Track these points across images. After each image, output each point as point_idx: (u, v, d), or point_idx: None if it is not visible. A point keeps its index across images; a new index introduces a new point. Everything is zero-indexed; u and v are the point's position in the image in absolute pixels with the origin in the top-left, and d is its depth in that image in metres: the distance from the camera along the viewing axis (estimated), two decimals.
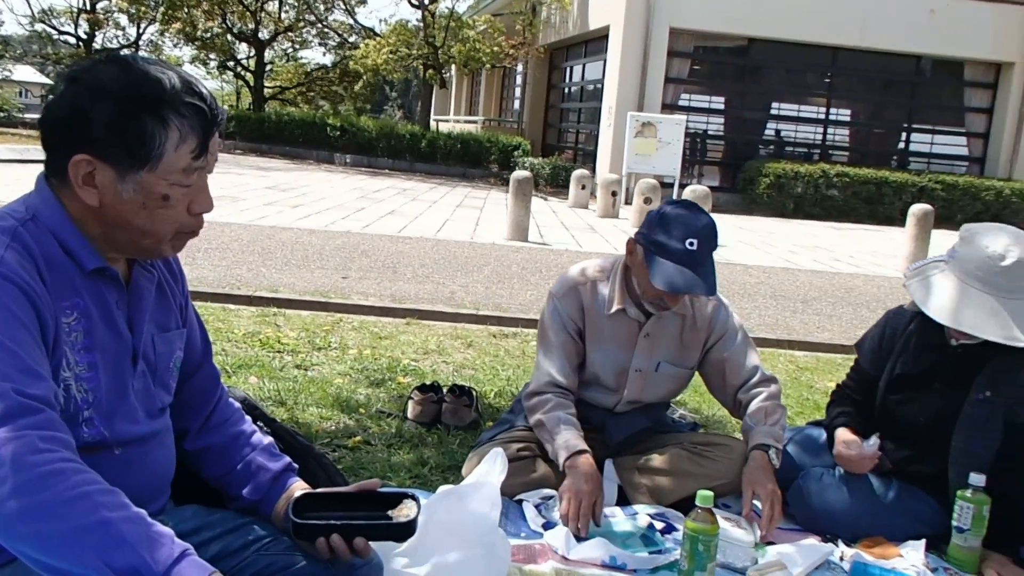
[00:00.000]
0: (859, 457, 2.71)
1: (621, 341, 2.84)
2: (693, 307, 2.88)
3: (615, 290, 2.83)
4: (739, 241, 11.78)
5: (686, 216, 2.64)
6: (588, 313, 2.84)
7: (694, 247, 2.59)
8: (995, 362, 2.58)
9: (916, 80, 18.70)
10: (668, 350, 2.87)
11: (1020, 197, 16.71)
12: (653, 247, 2.64)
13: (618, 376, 2.87)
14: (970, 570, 2.57)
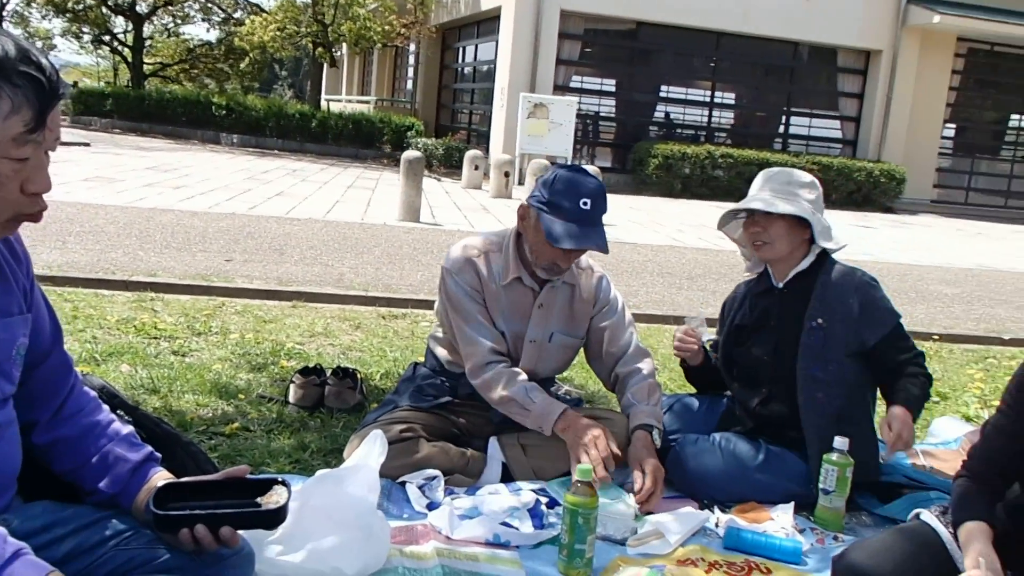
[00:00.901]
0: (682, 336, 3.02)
1: (517, 312, 2.87)
2: (580, 277, 2.94)
3: (509, 260, 2.85)
4: (629, 220, 11.97)
5: (578, 178, 2.73)
6: (485, 284, 2.85)
7: (587, 206, 2.68)
8: (818, 292, 2.81)
9: (794, 66, 19.31)
10: (560, 320, 2.92)
11: (887, 177, 17.50)
12: (548, 208, 2.70)
13: (513, 346, 2.89)
14: (835, 529, 2.70)
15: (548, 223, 2.68)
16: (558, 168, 2.79)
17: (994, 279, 9.80)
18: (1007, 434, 2.21)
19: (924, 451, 3.32)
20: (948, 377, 4.92)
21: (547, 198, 2.71)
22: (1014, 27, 18.15)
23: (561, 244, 2.65)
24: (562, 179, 2.72)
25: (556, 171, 2.77)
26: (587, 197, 2.68)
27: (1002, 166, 21.51)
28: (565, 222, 2.66)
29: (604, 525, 2.47)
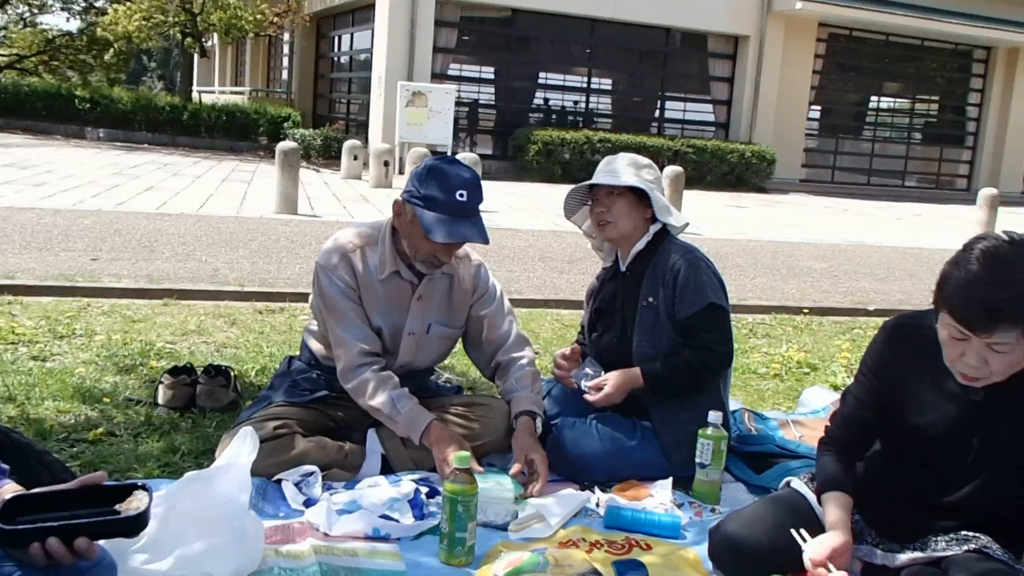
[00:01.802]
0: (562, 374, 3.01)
1: (395, 305, 2.82)
2: (458, 267, 2.92)
3: (386, 254, 2.80)
4: (509, 207, 12.00)
5: (452, 169, 2.68)
6: (361, 279, 2.79)
7: (464, 198, 2.64)
8: (651, 270, 2.89)
9: (667, 51, 19.73)
10: (439, 311, 2.89)
11: (759, 158, 18.09)
12: (424, 202, 2.66)
13: (391, 340, 2.85)
14: (712, 501, 2.77)
15: (424, 218, 2.63)
16: (429, 161, 2.74)
17: (859, 253, 10.24)
18: (862, 401, 2.31)
19: (795, 421, 3.45)
20: (817, 348, 5.11)
21: (421, 192, 2.66)
22: (871, 13, 18.99)
23: (440, 238, 2.60)
24: (435, 172, 2.67)
25: (428, 164, 2.72)
26: (462, 188, 2.64)
27: (864, 146, 22.52)
28: (442, 216, 2.62)
29: (484, 511, 2.46)
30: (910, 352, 2.20)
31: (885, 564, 2.23)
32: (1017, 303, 1.85)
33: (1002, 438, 2.11)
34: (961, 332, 1.93)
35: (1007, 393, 2.08)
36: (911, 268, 9.24)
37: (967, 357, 1.96)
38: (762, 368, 4.52)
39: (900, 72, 22.48)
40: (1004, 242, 1.92)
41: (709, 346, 2.84)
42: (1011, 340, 1.89)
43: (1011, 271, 1.87)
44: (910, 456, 2.25)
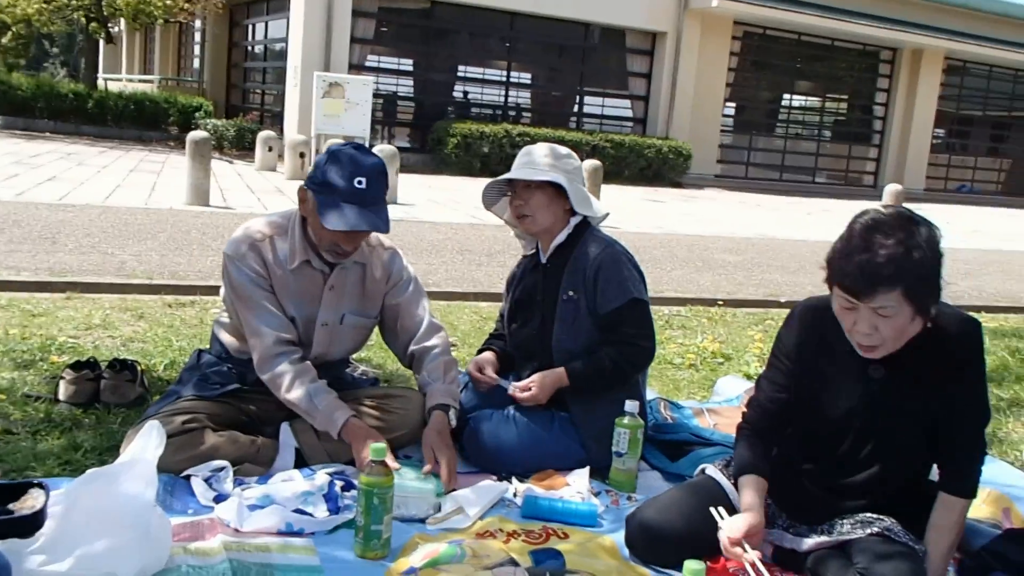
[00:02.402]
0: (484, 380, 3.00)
1: (307, 295, 2.76)
2: (371, 256, 2.86)
3: (296, 243, 2.73)
4: (428, 200, 11.93)
5: (354, 156, 2.61)
6: (271, 269, 2.72)
7: (363, 185, 2.57)
8: (571, 264, 2.89)
9: (586, 46, 19.84)
10: (352, 301, 2.83)
11: (675, 154, 18.34)
12: (322, 189, 2.59)
13: (305, 330, 2.78)
14: (629, 489, 2.78)
15: (322, 205, 2.58)
16: (333, 147, 2.68)
17: (771, 247, 10.47)
18: (776, 384, 2.36)
19: (709, 409, 3.50)
20: (731, 339, 5.19)
21: (321, 179, 2.60)
22: (784, 12, 19.41)
23: (334, 226, 2.55)
24: (336, 158, 2.61)
25: (330, 149, 2.66)
26: (362, 176, 2.57)
27: (777, 142, 23.04)
28: (340, 203, 2.56)
29: (405, 505, 2.43)
30: (816, 335, 2.28)
31: (794, 548, 2.28)
32: (891, 264, 1.95)
33: (900, 421, 2.19)
34: (849, 301, 2.03)
35: (906, 377, 2.16)
36: (821, 261, 9.34)
37: (859, 325, 2.05)
38: (678, 358, 4.57)
39: (811, 71, 23.07)
40: (881, 213, 2.05)
41: (633, 341, 2.85)
42: (894, 303, 1.98)
43: (885, 237, 1.98)
44: (815, 438, 2.31)
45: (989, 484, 2.94)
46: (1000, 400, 4.05)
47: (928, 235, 2.01)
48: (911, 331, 2.06)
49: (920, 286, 1.99)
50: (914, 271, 1.96)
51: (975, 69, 24.33)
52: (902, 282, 1.96)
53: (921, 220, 2.05)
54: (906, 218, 2.04)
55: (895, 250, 1.96)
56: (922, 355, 2.14)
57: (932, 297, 2.04)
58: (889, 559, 2.04)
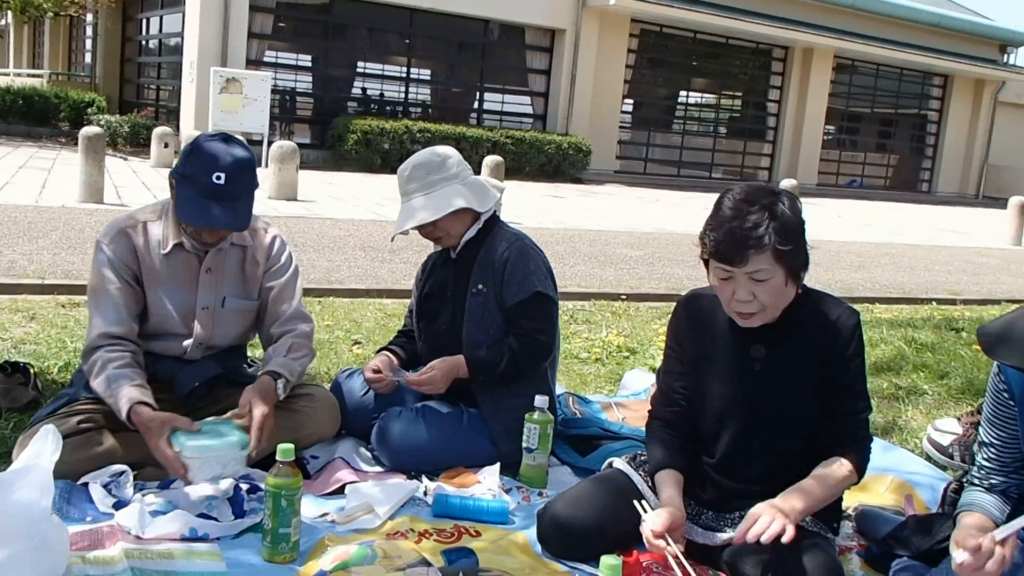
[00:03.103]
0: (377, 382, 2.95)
1: (183, 280, 2.69)
2: (252, 238, 2.79)
3: (169, 227, 2.65)
4: (328, 196, 11.76)
5: (216, 149, 2.54)
6: (143, 256, 2.64)
7: (221, 181, 2.50)
8: (481, 257, 2.90)
9: (486, 43, 19.86)
10: (232, 284, 2.76)
11: (575, 150, 18.49)
12: (182, 181, 2.54)
13: (185, 317, 2.70)
14: (540, 485, 2.80)
15: (180, 198, 2.52)
16: (199, 138, 2.61)
17: (672, 241, 10.66)
18: (674, 374, 2.41)
19: (617, 403, 3.54)
20: (636, 333, 5.27)
21: (181, 171, 2.54)
22: (680, 11, 19.77)
23: (186, 221, 2.52)
24: (198, 150, 2.55)
25: (195, 141, 2.59)
26: (221, 171, 2.50)
27: (674, 138, 23.48)
28: (195, 197, 2.50)
29: (223, 466, 2.38)
30: (700, 322, 2.36)
31: (706, 543, 2.31)
32: (758, 227, 2.05)
33: (785, 402, 2.25)
34: (725, 270, 2.12)
35: (786, 357, 2.23)
36: None
37: (737, 294, 2.13)
38: (584, 353, 4.62)
39: (707, 69, 23.57)
40: (746, 186, 2.16)
41: (532, 335, 2.86)
42: (767, 266, 2.08)
43: (751, 204, 2.09)
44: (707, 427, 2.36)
45: (892, 472, 3.06)
46: (899, 389, 4.21)
47: (790, 203, 2.13)
48: (787, 296, 2.17)
49: (788, 246, 2.08)
50: (780, 231, 2.07)
51: (863, 67, 25.25)
52: (771, 243, 2.06)
53: (783, 191, 2.16)
54: (769, 190, 2.16)
55: (761, 215, 2.07)
56: (802, 337, 2.23)
57: (800, 259, 2.15)
58: (805, 551, 2.08)
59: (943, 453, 3.34)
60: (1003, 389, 2.07)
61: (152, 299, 2.68)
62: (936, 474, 3.15)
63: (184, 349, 2.73)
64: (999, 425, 2.10)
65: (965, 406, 3.93)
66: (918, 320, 6.28)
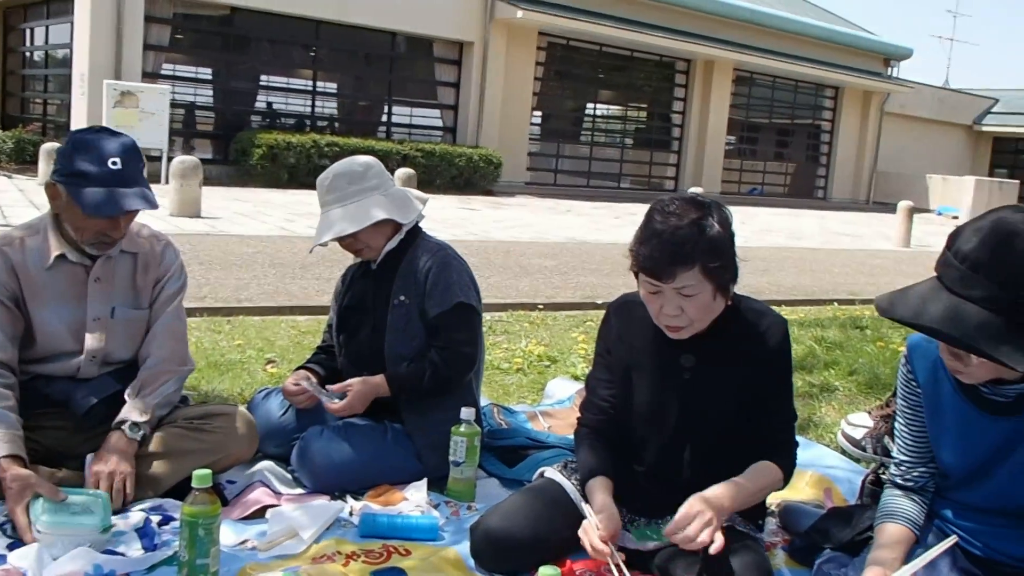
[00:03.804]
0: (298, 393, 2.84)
1: (70, 293, 2.53)
2: (143, 246, 2.66)
3: (49, 240, 2.51)
4: (235, 212, 11.45)
5: (99, 139, 2.45)
6: (22, 273, 2.48)
7: (118, 166, 2.41)
8: (403, 268, 2.84)
9: (393, 55, 19.72)
10: (123, 293, 2.61)
11: (486, 162, 18.45)
12: (75, 178, 2.40)
13: (76, 332, 2.54)
14: (468, 499, 2.71)
15: (80, 196, 2.38)
16: (74, 134, 2.49)
17: (584, 251, 10.71)
18: (603, 381, 2.38)
19: (542, 412, 3.48)
20: (555, 342, 5.23)
21: (70, 169, 2.41)
22: (586, 24, 19.99)
23: (102, 213, 2.38)
24: (81, 145, 2.43)
25: (71, 138, 2.48)
26: (115, 156, 2.41)
27: (583, 150, 23.69)
28: (96, 189, 2.38)
29: (80, 544, 2.13)
30: (630, 329, 2.34)
31: (638, 549, 2.27)
32: (687, 243, 2.03)
33: (714, 410, 2.24)
34: (653, 285, 2.09)
35: (715, 366, 2.22)
36: None
37: (665, 308, 2.11)
38: (505, 363, 4.55)
39: (613, 81, 23.90)
40: (675, 198, 2.13)
41: (455, 347, 2.79)
42: (695, 282, 2.06)
43: (679, 219, 2.06)
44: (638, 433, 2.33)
45: (811, 467, 3.09)
46: (812, 387, 4.27)
47: (720, 215, 2.12)
48: (715, 309, 2.15)
49: (717, 263, 2.07)
50: (709, 248, 2.05)
51: (761, 80, 25.95)
52: (699, 259, 2.04)
53: (712, 203, 2.15)
54: (698, 202, 2.13)
55: (689, 230, 2.05)
56: (731, 345, 2.22)
57: (729, 274, 2.13)
58: (735, 552, 2.06)
59: (856, 446, 3.40)
60: (912, 380, 2.10)
61: (37, 318, 2.51)
62: (852, 467, 3.21)
63: (77, 367, 2.57)
64: (911, 415, 2.13)
65: (874, 400, 4.02)
66: (825, 320, 6.41)
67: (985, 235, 1.74)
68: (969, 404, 2.00)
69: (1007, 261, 1.71)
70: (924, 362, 2.07)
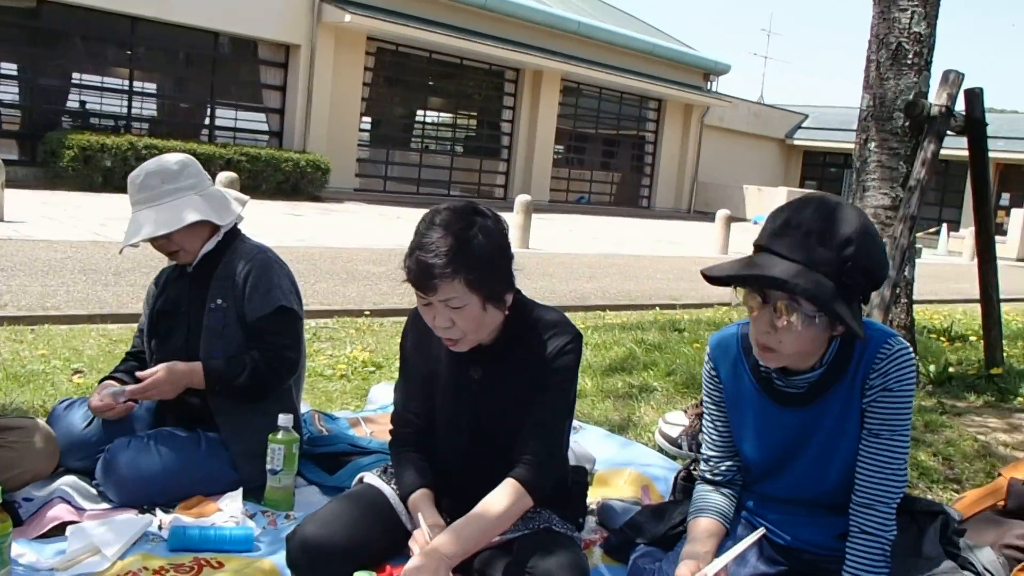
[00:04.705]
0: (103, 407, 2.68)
1: None
2: None
3: None
4: (42, 216, 10.75)
5: None
6: None
7: None
8: (220, 271, 2.76)
9: (216, 56, 19.08)
10: None
11: (313, 167, 18.09)
12: None
13: None
14: (286, 508, 2.67)
15: None
16: None
17: None
18: (407, 392, 2.39)
19: (365, 418, 3.46)
20: (381, 348, 5.20)
21: None
22: (415, 30, 19.98)
23: None
24: None
25: None
26: None
27: (413, 156, 23.65)
28: None
29: None
30: (427, 341, 2.34)
31: None
32: (444, 256, 2.02)
33: (504, 419, 2.27)
34: (421, 297, 2.09)
35: (503, 377, 2.25)
36: None
37: (437, 320, 2.11)
38: (328, 370, 4.50)
39: (443, 88, 23.97)
40: (446, 208, 2.12)
41: (278, 350, 2.73)
42: (459, 294, 2.05)
43: (444, 230, 2.04)
44: (442, 445, 2.34)
45: (629, 465, 3.19)
46: (631, 387, 4.41)
47: (488, 225, 2.10)
48: (490, 321, 2.14)
49: (481, 274, 2.06)
50: (471, 260, 2.03)
51: (588, 91, 26.71)
52: (460, 272, 2.02)
53: (486, 212, 2.14)
54: (469, 211, 2.11)
55: (450, 242, 2.02)
56: (517, 357, 2.22)
57: (500, 285, 2.13)
58: (552, 553, 2.08)
59: (673, 444, 3.53)
60: (715, 376, 2.20)
61: None
62: (669, 465, 3.31)
63: None
64: (715, 411, 2.23)
65: (690, 399, 4.17)
66: (645, 323, 6.66)
67: (815, 206, 1.91)
68: (766, 398, 2.11)
69: (838, 229, 1.87)
70: (726, 359, 2.17)
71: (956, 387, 4.73)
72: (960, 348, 5.98)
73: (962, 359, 5.38)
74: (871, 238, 1.91)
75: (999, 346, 5.00)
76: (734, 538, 2.16)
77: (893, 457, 2.01)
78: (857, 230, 1.88)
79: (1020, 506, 2.21)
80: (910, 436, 2.04)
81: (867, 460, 2.03)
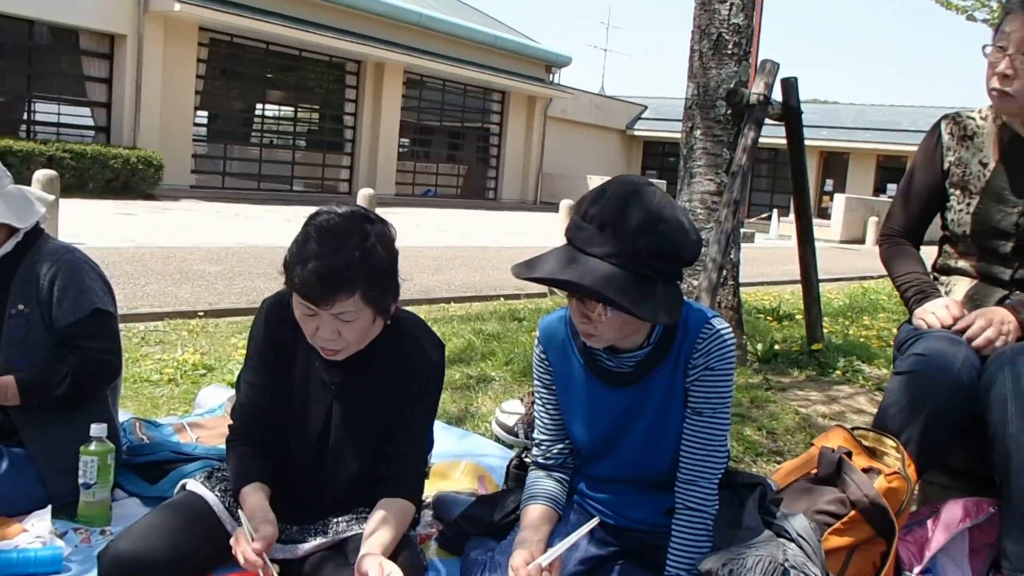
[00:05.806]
0: None
1: None
2: None
3: None
4: None
5: None
6: None
7: None
8: (21, 274, 2.59)
9: (32, 46, 17.95)
10: None
11: (145, 164, 17.30)
12: None
13: None
14: (102, 523, 2.52)
15: None
16: None
17: (252, 255, 10.39)
18: (255, 386, 2.28)
19: (191, 424, 3.30)
20: (214, 350, 5.01)
21: None
22: (249, 21, 19.38)
23: None
24: None
25: None
26: None
27: (253, 151, 23.03)
28: None
29: None
30: (284, 333, 2.22)
31: (286, 557, 2.19)
32: (348, 270, 1.95)
33: (363, 423, 2.22)
34: (309, 308, 1.99)
35: (364, 382, 2.20)
36: None
37: (321, 331, 2.03)
38: (155, 375, 4.29)
39: (283, 81, 23.41)
40: (335, 214, 2.03)
41: (97, 356, 2.58)
42: (353, 307, 1.99)
43: (341, 241, 1.97)
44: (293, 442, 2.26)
45: (465, 457, 3.18)
46: (469, 378, 4.40)
47: (382, 234, 2.05)
48: (374, 332, 2.10)
49: (378, 288, 2.01)
50: (371, 274, 1.98)
51: (431, 83, 26.66)
52: (360, 286, 1.96)
53: (376, 218, 2.08)
54: (360, 218, 2.04)
55: (352, 255, 1.95)
56: (381, 364, 2.18)
57: (390, 296, 2.08)
58: (394, 553, 2.04)
59: (510, 433, 3.53)
60: (544, 359, 2.21)
61: None
62: (505, 454, 3.30)
63: None
64: (546, 395, 2.24)
65: (527, 387, 4.19)
66: (486, 314, 6.69)
67: (608, 197, 1.90)
68: (595, 379, 2.13)
69: (628, 219, 1.86)
70: (554, 342, 2.18)
71: (781, 363, 4.95)
72: (787, 327, 6.27)
73: (787, 337, 5.63)
74: (664, 221, 1.89)
75: (819, 323, 5.26)
76: (566, 523, 2.17)
77: (714, 434, 2.07)
78: (648, 217, 1.87)
79: (829, 473, 2.31)
80: (730, 413, 2.10)
81: (690, 437, 2.08)
